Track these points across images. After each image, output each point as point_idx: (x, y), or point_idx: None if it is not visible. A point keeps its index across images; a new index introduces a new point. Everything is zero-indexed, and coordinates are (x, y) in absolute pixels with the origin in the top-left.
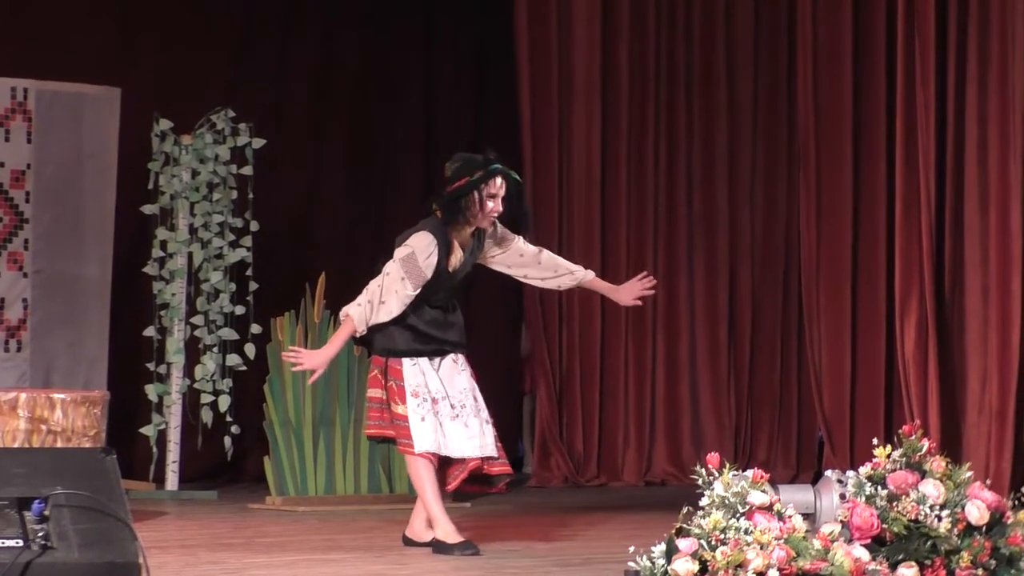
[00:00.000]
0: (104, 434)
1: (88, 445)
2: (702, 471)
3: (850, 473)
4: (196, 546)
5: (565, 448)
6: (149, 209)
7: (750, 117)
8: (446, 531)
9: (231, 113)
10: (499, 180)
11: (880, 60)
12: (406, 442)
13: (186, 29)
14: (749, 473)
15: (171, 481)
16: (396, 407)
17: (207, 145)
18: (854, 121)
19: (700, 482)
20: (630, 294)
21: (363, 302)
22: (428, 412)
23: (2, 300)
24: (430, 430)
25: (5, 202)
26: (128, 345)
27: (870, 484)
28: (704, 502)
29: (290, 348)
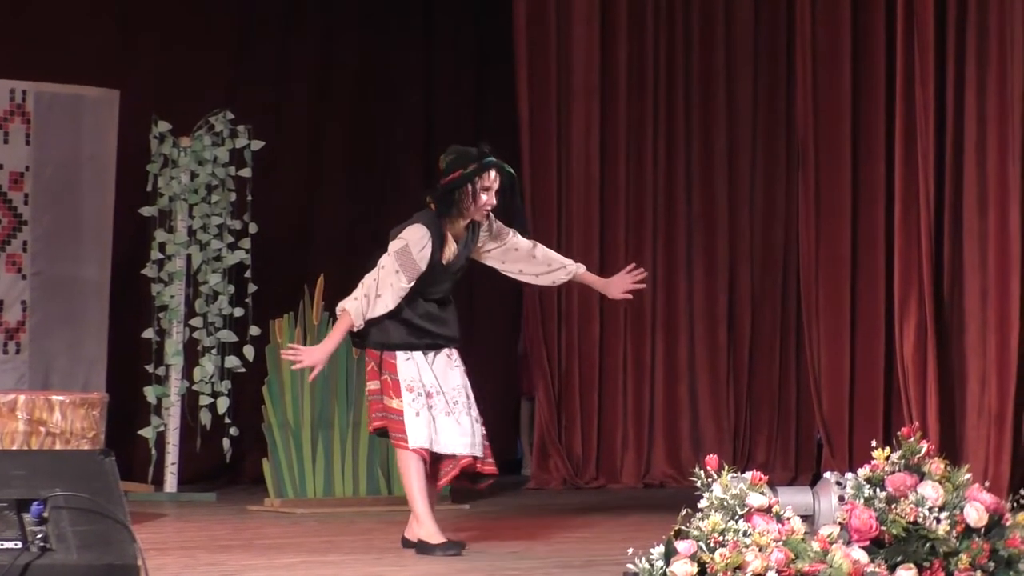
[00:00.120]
0: (103, 436)
1: (87, 447)
2: (701, 473)
3: (849, 475)
4: (195, 548)
5: (564, 450)
6: (148, 211)
7: (749, 118)
8: (429, 531)
9: (230, 115)
10: (493, 173)
11: (879, 61)
12: (399, 436)
13: (185, 31)
14: (748, 475)
15: (170, 483)
16: (390, 401)
17: (206, 147)
18: (853, 122)
19: (699, 484)
20: (620, 288)
21: (359, 296)
22: (423, 407)
23: (1, 302)
24: (424, 425)
25: (4, 204)
26: (127, 347)
27: (869, 486)
28: (703, 504)
29: (289, 346)
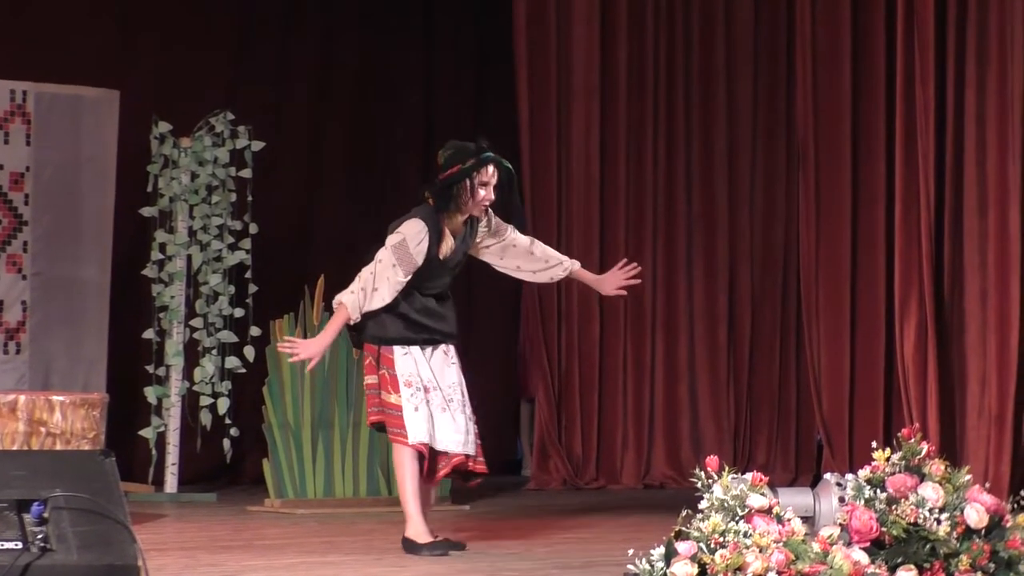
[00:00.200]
0: (103, 436)
1: (87, 447)
2: (701, 474)
3: (849, 476)
4: (195, 548)
5: (564, 451)
6: (148, 211)
7: (749, 117)
8: (417, 530)
9: (230, 116)
10: (491, 168)
11: (879, 60)
12: (398, 431)
13: (185, 32)
14: (748, 476)
15: (170, 483)
16: (388, 396)
17: (206, 148)
18: (853, 121)
19: (699, 485)
20: (613, 284)
21: (356, 289)
22: (421, 402)
23: (1, 302)
24: (423, 420)
25: (4, 204)
26: (127, 347)
27: (869, 487)
28: (703, 505)
29: (285, 338)
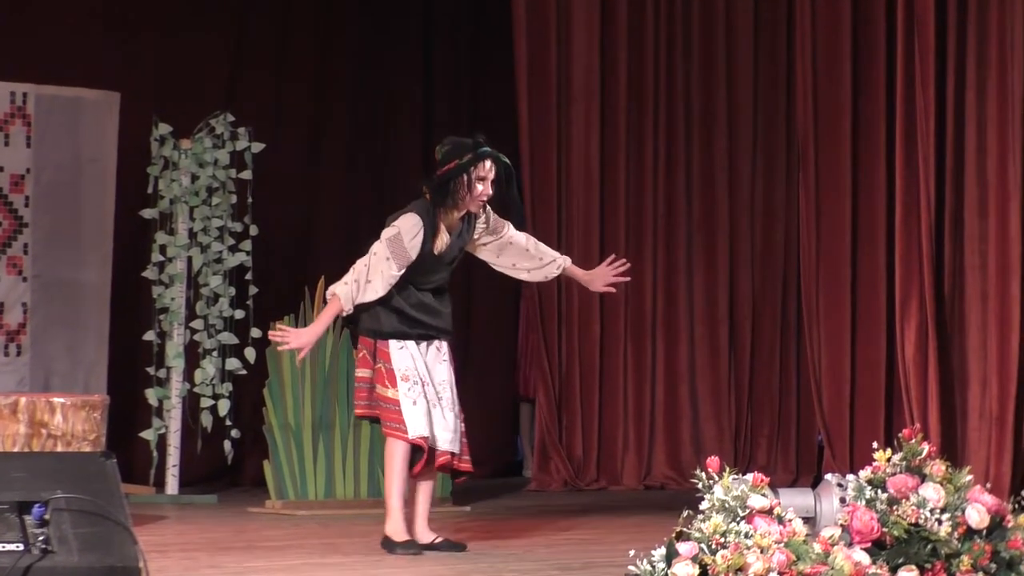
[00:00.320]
0: (104, 438)
1: (88, 449)
2: (702, 475)
3: (850, 477)
4: (196, 550)
5: (565, 452)
6: (148, 213)
7: (749, 120)
8: (395, 528)
9: (230, 117)
10: (488, 163)
11: (879, 63)
12: (396, 426)
13: (185, 34)
14: (749, 477)
15: (171, 485)
16: (385, 390)
17: (206, 149)
18: (853, 124)
19: (700, 486)
20: (602, 280)
21: (349, 281)
22: (419, 396)
23: (1, 304)
24: (422, 414)
25: (4, 206)
26: (128, 349)
27: (870, 488)
28: (704, 506)
29: (278, 327)
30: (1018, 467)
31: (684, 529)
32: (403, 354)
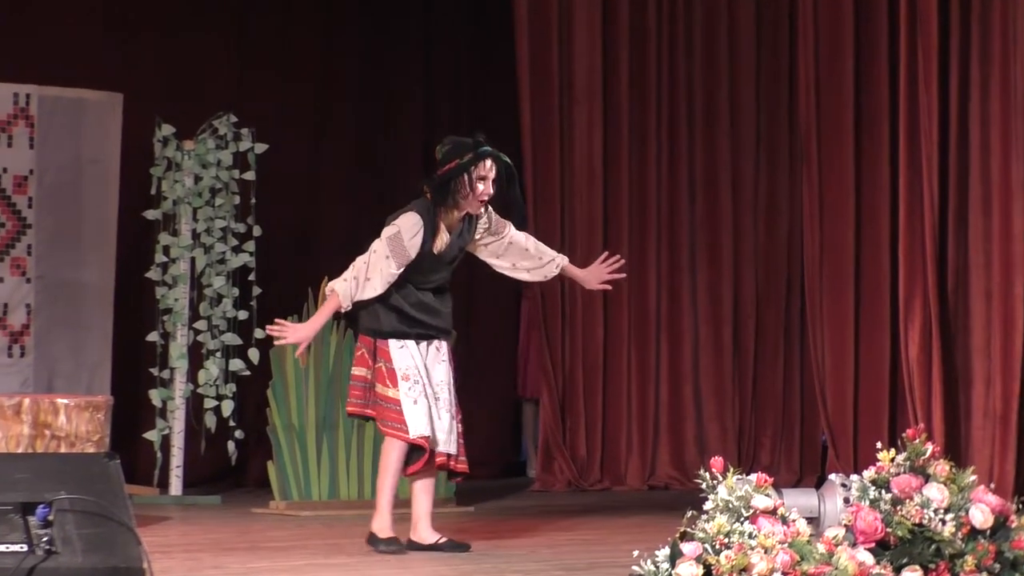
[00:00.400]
0: (108, 439)
1: (92, 450)
2: (706, 475)
3: (854, 477)
4: (199, 551)
5: (568, 452)
6: (152, 214)
7: (752, 119)
8: (381, 525)
9: (233, 118)
10: (489, 162)
11: (882, 61)
12: (397, 427)
13: (188, 35)
14: (753, 477)
15: (175, 486)
16: (386, 389)
17: (209, 150)
18: (856, 123)
19: (704, 486)
20: (597, 278)
21: (348, 278)
22: (420, 395)
23: (5, 305)
24: (423, 413)
25: (8, 207)
26: (131, 350)
27: (874, 488)
28: (708, 506)
29: (276, 321)
30: (1022, 467)
31: (688, 529)
32: (404, 353)
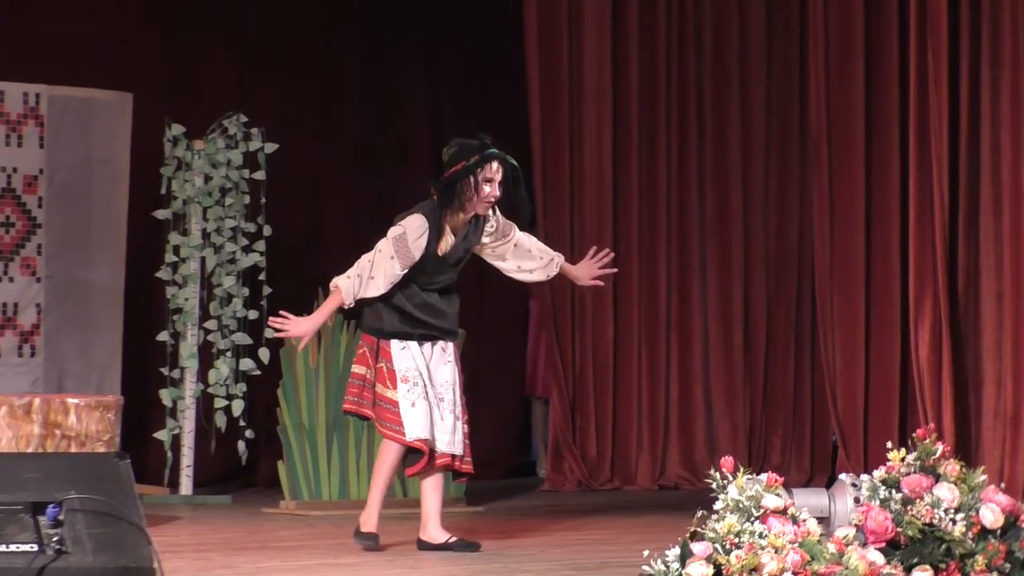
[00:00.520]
0: (118, 439)
1: (102, 450)
2: (716, 475)
3: (864, 477)
4: (210, 550)
5: (578, 452)
6: (162, 214)
7: (762, 120)
8: (366, 519)
9: (243, 118)
10: (495, 164)
11: (892, 64)
12: (396, 428)
13: (197, 35)
14: (763, 477)
15: (185, 486)
16: (385, 390)
17: (219, 150)
18: (866, 124)
19: (714, 486)
20: (588, 274)
21: (353, 275)
22: (419, 397)
23: (15, 305)
24: (421, 416)
25: (18, 207)
26: (141, 350)
27: (884, 488)
28: (718, 506)
29: (281, 312)
30: None
31: (698, 529)
32: (405, 355)
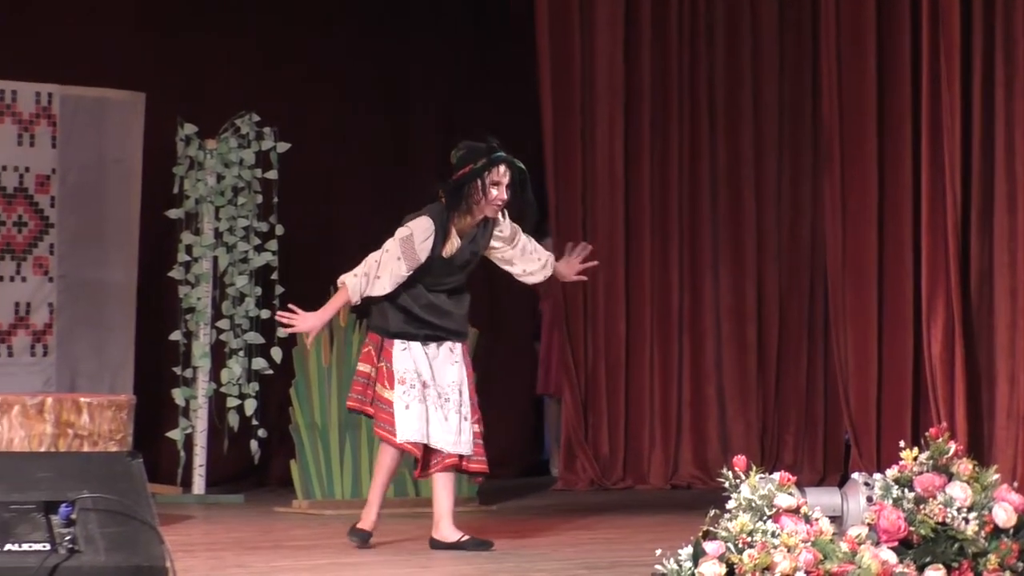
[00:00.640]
0: (130, 438)
1: (114, 449)
2: (728, 474)
3: (877, 476)
4: (222, 549)
5: (591, 451)
6: (174, 213)
7: (775, 117)
8: (364, 518)
9: (255, 117)
10: (503, 167)
11: (904, 62)
12: (388, 429)
13: (210, 34)
14: (776, 476)
15: (197, 485)
16: (383, 390)
17: (232, 149)
18: (879, 121)
19: (726, 485)
20: (571, 270)
21: (360, 274)
22: (414, 400)
23: (28, 305)
24: (414, 418)
25: (30, 207)
26: (154, 349)
27: (897, 487)
28: (731, 505)
29: (290, 306)
30: None
31: (711, 528)
32: (404, 356)
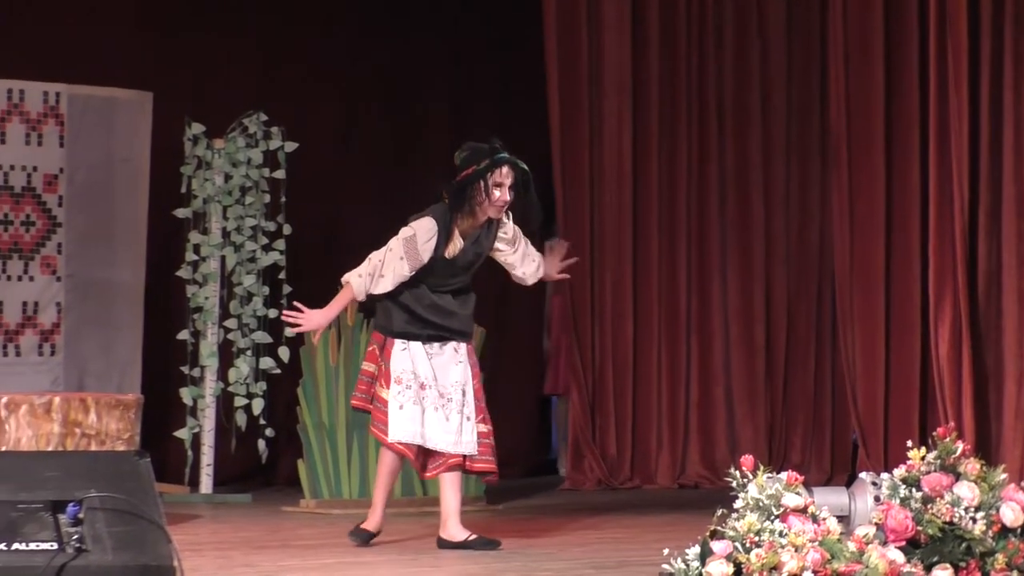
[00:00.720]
0: (138, 437)
1: (122, 448)
2: (736, 473)
3: (884, 475)
4: (230, 549)
5: (598, 451)
6: (182, 213)
7: (783, 119)
8: (369, 519)
9: (263, 117)
10: (505, 168)
11: (912, 64)
12: (381, 428)
13: (217, 34)
14: (783, 475)
15: (205, 484)
16: (380, 389)
17: (239, 149)
18: (886, 124)
19: (734, 484)
20: (553, 269)
21: (363, 273)
22: (409, 400)
23: (36, 304)
24: (407, 419)
25: (38, 206)
26: (162, 348)
27: (904, 486)
28: (738, 504)
29: (295, 304)
30: None
31: (718, 528)
32: (403, 356)
